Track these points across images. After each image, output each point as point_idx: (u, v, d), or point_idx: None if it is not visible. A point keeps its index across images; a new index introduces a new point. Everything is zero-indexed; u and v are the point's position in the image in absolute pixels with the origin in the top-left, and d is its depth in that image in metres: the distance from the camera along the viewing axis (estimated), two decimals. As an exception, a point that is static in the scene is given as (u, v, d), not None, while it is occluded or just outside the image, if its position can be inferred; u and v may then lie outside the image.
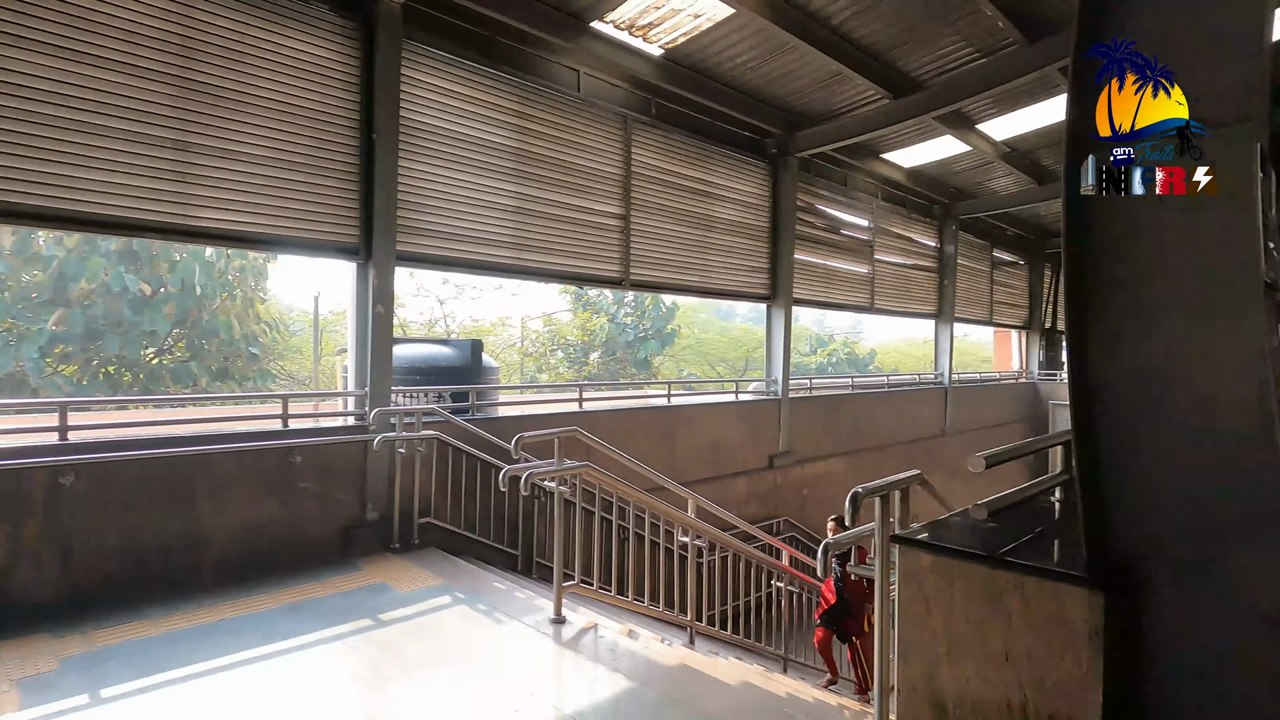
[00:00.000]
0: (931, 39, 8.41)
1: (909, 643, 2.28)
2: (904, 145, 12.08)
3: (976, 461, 2.23)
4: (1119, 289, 2.00)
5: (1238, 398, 1.81)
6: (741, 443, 10.42)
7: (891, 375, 16.02)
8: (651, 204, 9.38)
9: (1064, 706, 1.95)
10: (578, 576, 4.80)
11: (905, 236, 14.17)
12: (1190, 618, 1.90)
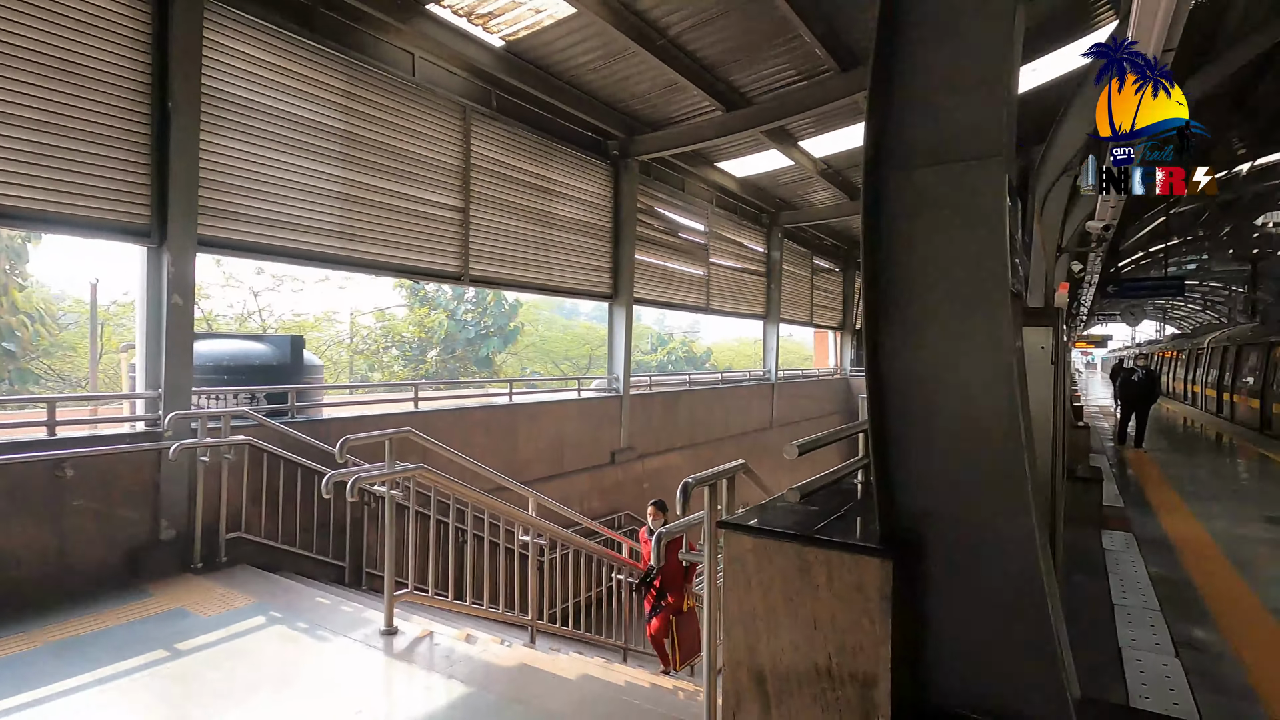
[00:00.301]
0: (760, 59, 9.04)
1: (732, 619, 2.45)
2: (736, 156, 12.86)
3: (791, 450, 2.44)
4: (903, 296, 2.29)
5: (992, 390, 2.14)
6: (584, 439, 10.54)
7: (725, 373, 16.99)
8: (492, 198, 9.18)
9: (862, 664, 2.20)
10: (411, 584, 4.60)
11: (737, 242, 15.10)
12: (958, 576, 2.23)
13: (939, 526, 2.26)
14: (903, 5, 2.26)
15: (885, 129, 2.32)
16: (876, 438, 2.33)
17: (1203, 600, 4.66)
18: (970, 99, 2.17)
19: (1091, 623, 4.22)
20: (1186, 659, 3.69)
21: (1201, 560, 5.55)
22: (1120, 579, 5.03)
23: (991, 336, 2.13)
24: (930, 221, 2.24)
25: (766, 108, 9.81)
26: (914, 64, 2.26)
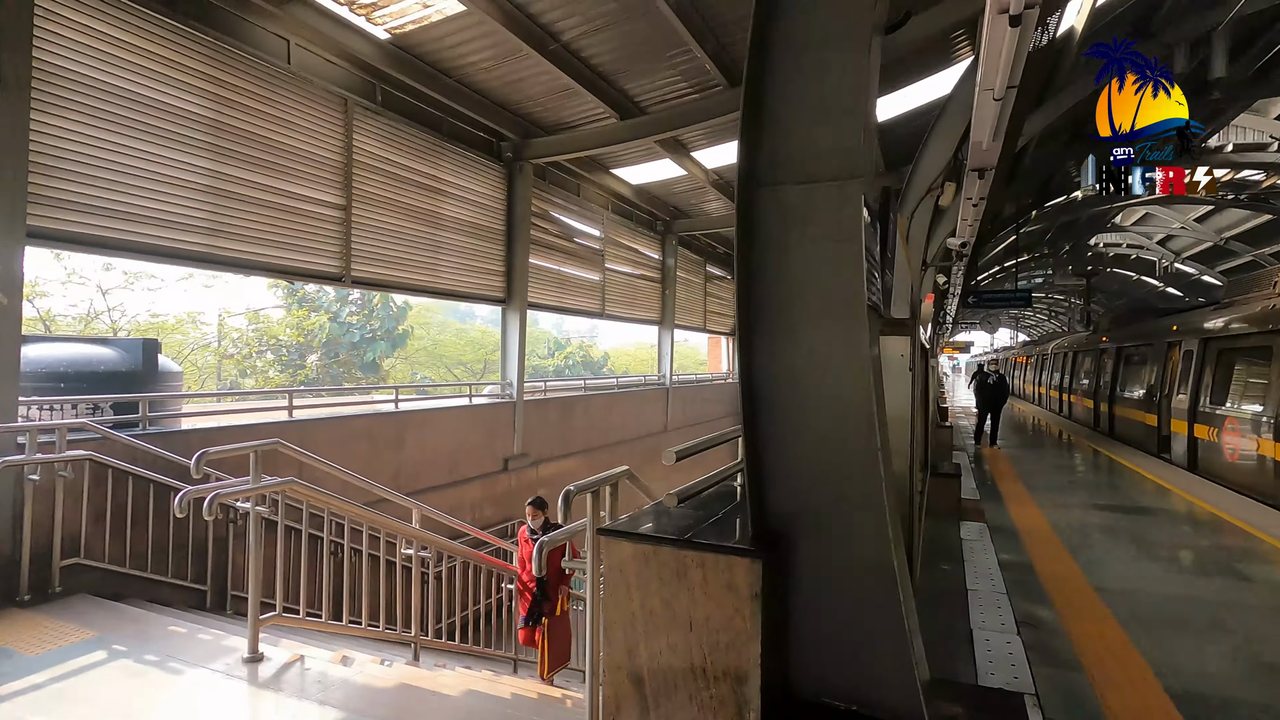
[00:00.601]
0: (653, 70, 9.21)
1: (613, 625, 2.47)
2: (631, 163, 13.03)
3: (669, 456, 2.50)
4: (773, 306, 2.40)
5: (851, 396, 2.29)
6: (476, 447, 10.28)
7: (621, 377, 17.13)
8: (377, 196, 8.78)
9: (734, 661, 2.28)
10: (280, 606, 4.29)
11: (633, 248, 15.28)
12: (821, 571, 2.35)
13: (805, 525, 2.38)
14: (771, 31, 2.38)
15: (757, 148, 2.42)
16: (749, 441, 2.43)
17: (1041, 582, 5.18)
18: (833, 123, 2.31)
19: (949, 607, 4.58)
20: (1027, 636, 4.09)
21: (1042, 545, 6.17)
22: (974, 566, 5.50)
23: (852, 345, 2.28)
24: (798, 237, 2.36)
25: (660, 118, 10.01)
26: (782, 88, 2.38)
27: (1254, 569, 5.41)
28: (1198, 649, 3.95)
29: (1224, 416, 9.36)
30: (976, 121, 6.24)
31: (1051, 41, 5.55)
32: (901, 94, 10.61)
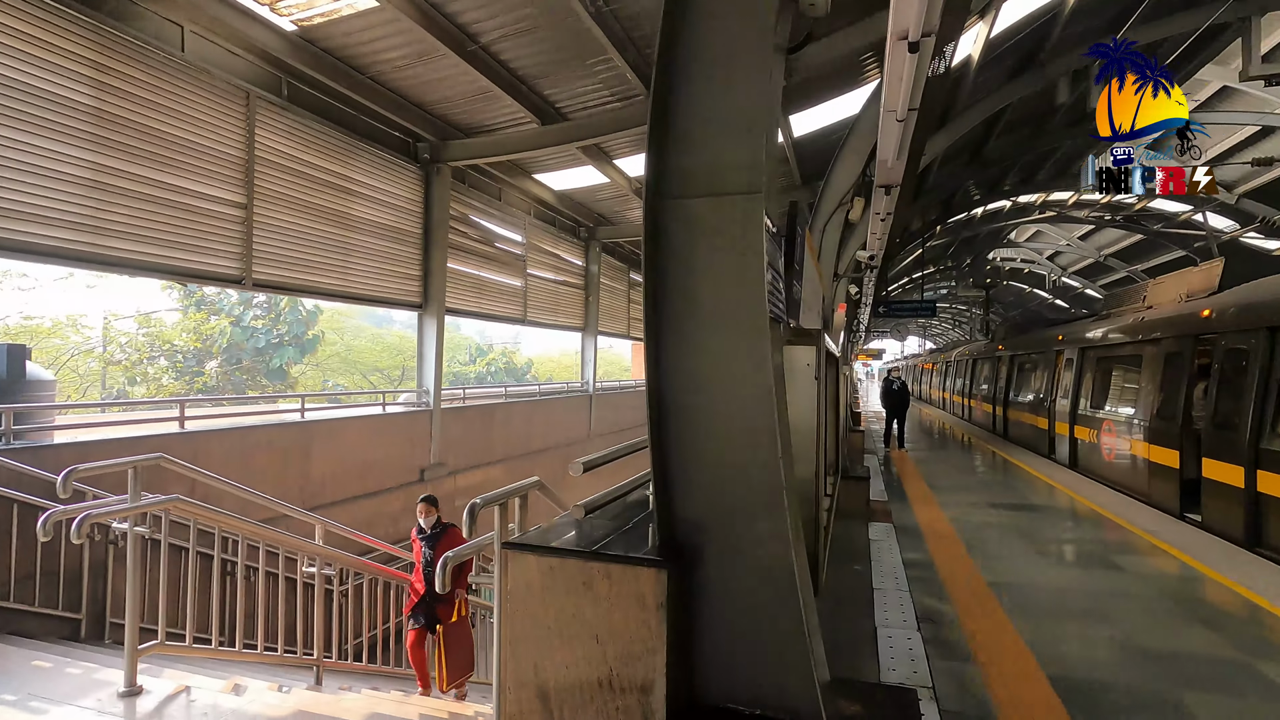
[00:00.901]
0: (574, 77, 9.18)
1: (519, 640, 2.41)
2: (553, 169, 12.94)
3: (576, 467, 2.47)
4: (679, 315, 2.42)
5: (754, 405, 2.33)
6: (390, 457, 9.90)
7: (544, 384, 16.95)
8: (283, 195, 8.35)
9: (640, 672, 2.27)
10: (162, 633, 3.98)
11: (555, 254, 15.18)
12: (725, 578, 2.38)
13: (711, 533, 2.41)
14: (677, 48, 2.41)
15: (664, 161, 2.44)
16: (657, 450, 2.44)
17: (941, 579, 5.45)
18: (736, 139, 2.36)
19: (856, 607, 4.75)
20: (927, 632, 4.29)
21: (942, 543, 6.50)
22: (880, 566, 5.73)
23: (753, 355, 2.32)
24: (704, 250, 2.39)
25: (582, 124, 10.00)
26: (688, 103, 2.41)
27: (1127, 560, 5.88)
28: (1076, 638, 4.25)
29: (1100, 419, 10.18)
30: (882, 141, 6.56)
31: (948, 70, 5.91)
32: (818, 111, 11.03)
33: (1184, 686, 3.53)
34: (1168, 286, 9.34)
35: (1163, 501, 7.85)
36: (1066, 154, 20.16)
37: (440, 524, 5.56)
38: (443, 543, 5.37)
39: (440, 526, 5.53)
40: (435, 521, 5.54)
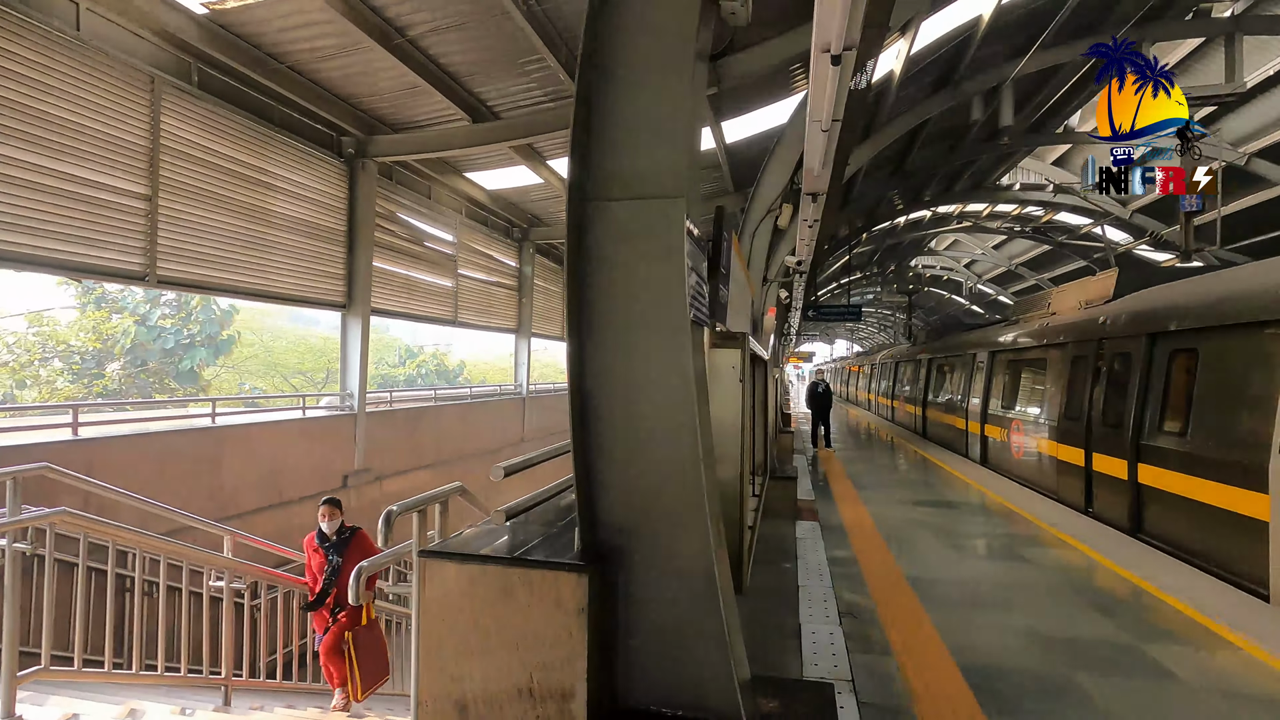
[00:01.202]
0: (507, 75, 9.05)
1: (436, 651, 2.34)
2: (486, 168, 12.72)
3: (497, 472, 2.42)
4: (604, 319, 2.41)
5: (675, 405, 2.35)
6: (311, 464, 9.48)
7: (475, 387, 16.60)
8: (191, 187, 7.88)
9: (561, 679, 2.24)
10: (46, 657, 3.67)
11: (487, 254, 14.92)
12: (647, 581, 2.38)
13: (634, 535, 2.40)
14: (601, 51, 2.41)
15: (587, 163, 2.43)
16: (579, 453, 2.42)
17: (863, 574, 5.64)
18: (658, 144, 2.37)
19: (782, 604, 4.85)
20: (848, 627, 4.42)
21: (865, 540, 6.73)
22: (806, 563, 5.88)
23: (674, 358, 2.34)
24: (626, 253, 2.39)
25: (514, 124, 9.87)
26: (611, 106, 2.41)
27: (1033, 553, 6.24)
28: (985, 627, 4.47)
29: (1009, 419, 10.79)
30: (808, 150, 6.75)
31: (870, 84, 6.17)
32: (750, 119, 11.27)
33: (1080, 669, 3.76)
34: (1069, 294, 9.99)
35: (1068, 497, 8.37)
36: (981, 167, 21.32)
37: (346, 529, 5.25)
38: (353, 548, 5.10)
39: (347, 531, 5.24)
40: (340, 526, 5.22)
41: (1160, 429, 6.57)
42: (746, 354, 3.40)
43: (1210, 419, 5.90)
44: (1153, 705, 3.39)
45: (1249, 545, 5.21)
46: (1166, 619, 4.57)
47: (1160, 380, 6.70)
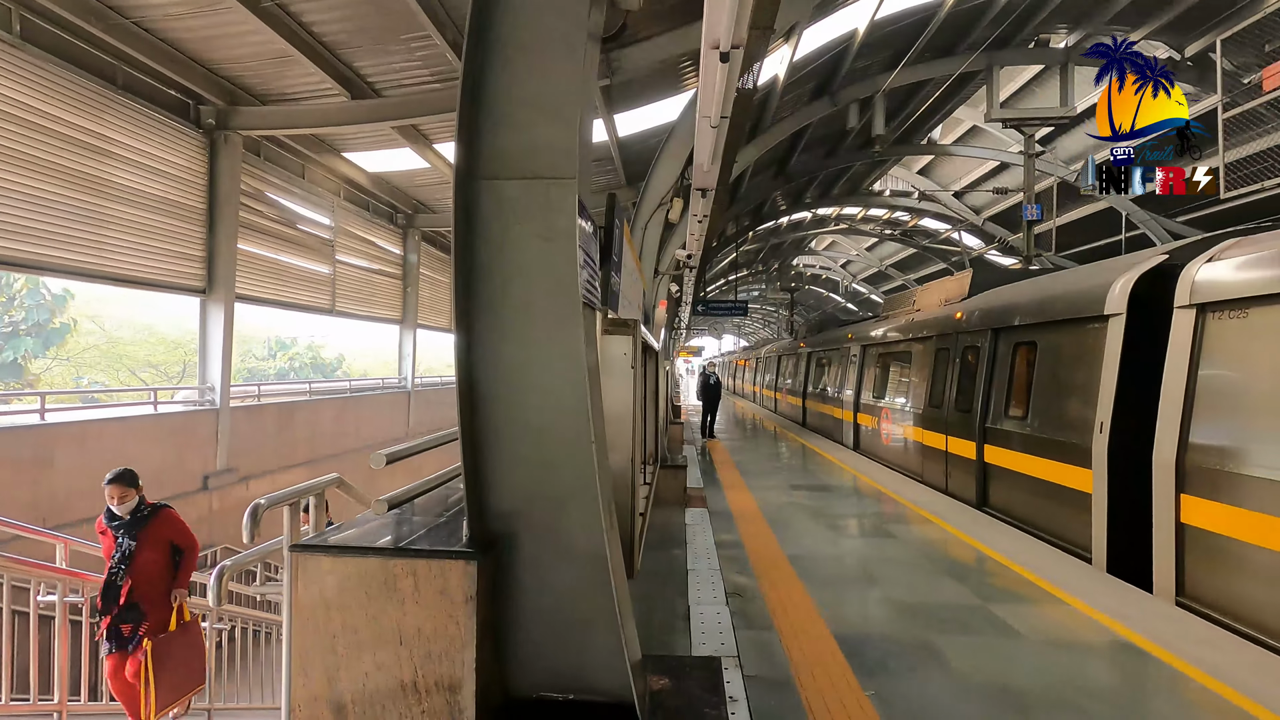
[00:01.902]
0: (389, 51, 8.59)
1: (308, 653, 2.20)
2: (366, 149, 12.03)
3: (378, 459, 2.30)
4: (493, 302, 2.35)
5: (567, 389, 2.33)
6: (164, 464, 8.60)
7: (355, 380, 15.70)
8: (10, 151, 6.89)
9: (448, 670, 2.17)
10: None
11: (368, 240, 14.14)
12: (539, 568, 2.36)
13: (526, 521, 2.36)
14: (490, 26, 2.33)
15: (476, 140, 2.35)
16: (468, 439, 2.34)
17: (748, 556, 5.88)
18: (549, 123, 2.33)
19: (672, 587, 4.97)
20: (734, 606, 4.60)
21: (750, 524, 7.02)
22: (694, 548, 6.05)
23: (567, 343, 2.32)
24: (517, 234, 2.34)
25: (397, 103, 9.39)
26: (501, 81, 2.35)
27: (899, 529, 6.76)
28: (856, 599, 4.80)
29: (879, 408, 11.62)
30: (698, 145, 6.91)
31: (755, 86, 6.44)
32: (644, 113, 11.37)
33: (936, 632, 4.12)
34: (931, 293, 10.88)
35: (931, 478, 9.12)
36: (856, 174, 22.76)
37: (148, 506, 4.43)
38: (152, 529, 4.26)
39: (149, 509, 4.41)
40: (136, 505, 4.36)
41: (1005, 414, 7.31)
42: (638, 341, 3.44)
43: (1045, 404, 6.63)
44: (996, 657, 3.77)
45: (1075, 515, 5.91)
46: (1009, 582, 5.10)
47: (1005, 371, 7.45)
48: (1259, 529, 4.13)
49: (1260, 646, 3.93)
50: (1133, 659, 3.77)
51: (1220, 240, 5.09)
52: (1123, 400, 5.50)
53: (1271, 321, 4.30)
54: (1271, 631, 4.05)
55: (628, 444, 3.42)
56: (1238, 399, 4.46)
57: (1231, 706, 3.21)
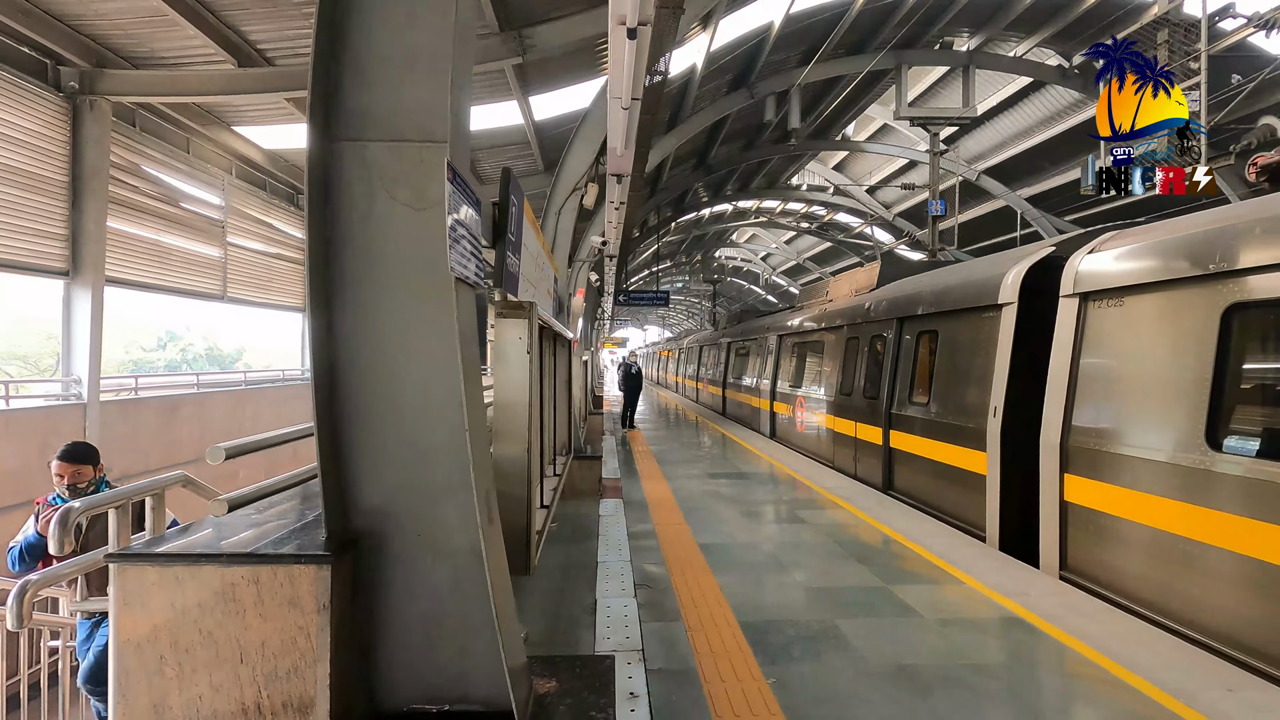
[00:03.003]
0: (280, 16, 7.96)
1: (130, 676, 1.91)
2: (260, 123, 11.20)
3: (216, 453, 2.03)
4: (354, 275, 2.11)
5: (437, 375, 2.12)
6: (16, 467, 7.71)
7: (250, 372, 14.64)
8: None
9: (297, 689, 1.93)
10: None
11: (266, 222, 13.19)
12: (409, 570, 2.15)
13: (395, 519, 2.15)
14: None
15: (336, 96, 2.10)
16: (325, 430, 2.10)
17: (660, 546, 5.80)
18: (417, 80, 2.11)
19: (582, 581, 4.82)
20: (642, 598, 4.50)
21: (665, 513, 6.96)
22: (607, 539, 5.92)
23: (439, 322, 2.11)
24: (384, 202, 2.11)
25: (292, 73, 8.74)
26: (364, 33, 2.10)
27: (809, 514, 6.86)
28: (764, 585, 4.79)
29: (794, 396, 11.86)
30: (611, 128, 6.74)
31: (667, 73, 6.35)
32: (560, 97, 11.09)
33: (840, 615, 4.15)
34: (843, 283, 11.16)
35: (842, 464, 9.35)
36: (774, 168, 23.22)
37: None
38: None
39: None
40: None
41: (909, 400, 7.55)
42: (534, 324, 3.25)
43: (945, 390, 6.88)
44: (894, 638, 3.83)
45: (972, 496, 6.15)
46: (910, 563, 5.23)
47: (909, 359, 7.69)
48: (1131, 505, 4.37)
49: (1131, 615, 4.17)
50: (1020, 633, 3.91)
51: (1101, 234, 5.38)
52: (1014, 385, 5.74)
53: (1143, 309, 4.55)
54: (1141, 600, 4.30)
55: (524, 433, 3.23)
56: (1114, 383, 4.71)
57: (1107, 675, 3.36)
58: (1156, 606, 4.17)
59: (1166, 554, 4.13)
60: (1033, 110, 17.12)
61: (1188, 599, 3.98)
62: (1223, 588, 3.79)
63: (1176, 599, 4.05)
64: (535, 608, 4.27)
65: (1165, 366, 4.29)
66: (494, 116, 11.13)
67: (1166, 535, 4.11)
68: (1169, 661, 3.49)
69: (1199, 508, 3.90)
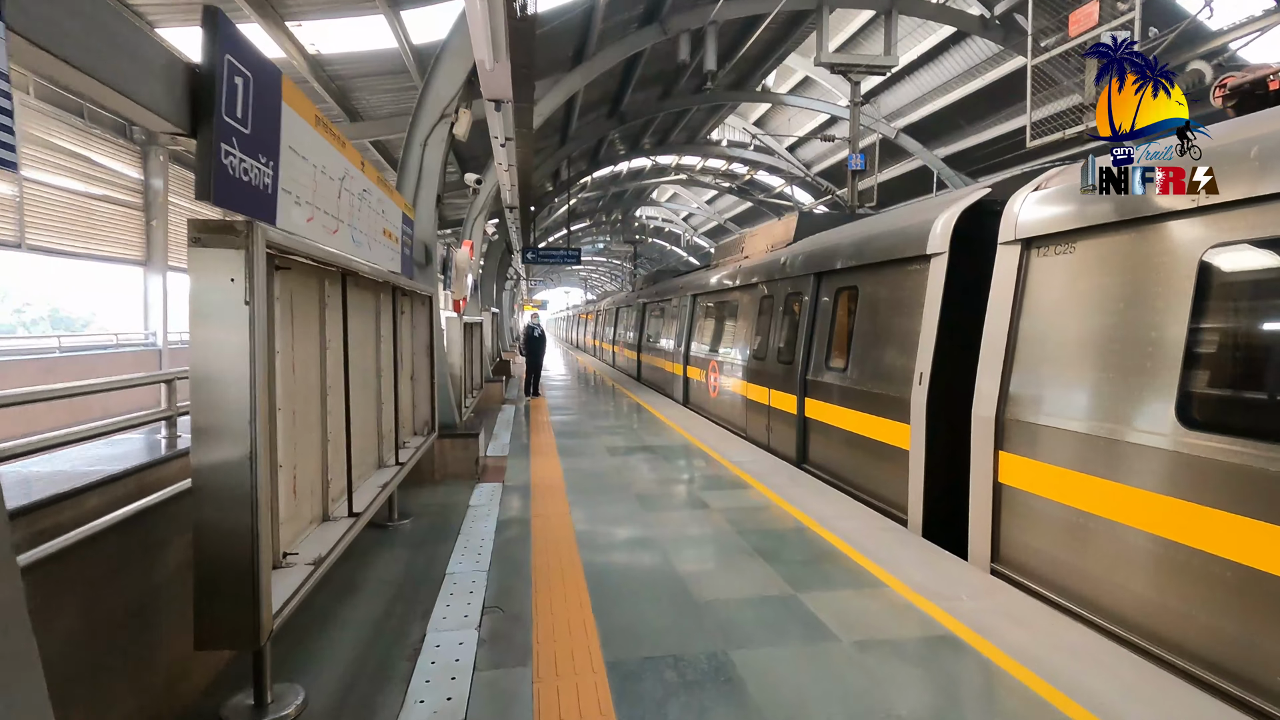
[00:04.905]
0: None
1: None
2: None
3: None
4: None
5: None
6: None
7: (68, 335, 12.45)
8: None
9: None
10: None
11: (83, 156, 10.98)
12: None
13: None
14: None
15: None
16: None
17: (531, 543, 4.78)
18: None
19: (413, 607, 3.73)
20: (487, 628, 3.45)
21: (548, 500, 5.92)
22: (466, 540, 4.84)
23: None
24: None
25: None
26: None
27: (713, 496, 5.99)
28: (645, 602, 3.84)
29: (706, 360, 10.99)
30: (473, 33, 5.41)
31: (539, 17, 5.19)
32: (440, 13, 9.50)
33: (734, 643, 3.24)
34: (759, 238, 10.26)
35: (755, 435, 8.54)
36: (694, 122, 22.08)
37: None
38: None
39: None
40: None
41: (826, 365, 6.74)
42: (256, 258, 2.05)
43: (864, 354, 6.08)
44: (802, 673, 2.95)
45: (893, 473, 5.40)
46: (825, 559, 4.41)
47: (826, 319, 6.86)
48: (1075, 489, 3.64)
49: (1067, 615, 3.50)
50: (952, 657, 3.11)
51: (1046, 170, 4.58)
52: (944, 349, 4.96)
53: (1099, 254, 3.76)
54: (1080, 599, 3.63)
55: (242, 429, 2.05)
56: (1060, 346, 3.94)
57: (1042, 702, 2.62)
58: (1107, 612, 3.48)
59: (1117, 547, 3.42)
60: (952, 64, 16.66)
61: (1144, 601, 3.29)
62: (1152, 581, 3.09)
63: (1130, 600, 3.36)
64: (330, 657, 3.14)
65: (1125, 326, 3.52)
66: (359, 36, 9.46)
67: (1120, 527, 3.39)
68: (1131, 690, 2.77)
69: (1163, 496, 3.18)
